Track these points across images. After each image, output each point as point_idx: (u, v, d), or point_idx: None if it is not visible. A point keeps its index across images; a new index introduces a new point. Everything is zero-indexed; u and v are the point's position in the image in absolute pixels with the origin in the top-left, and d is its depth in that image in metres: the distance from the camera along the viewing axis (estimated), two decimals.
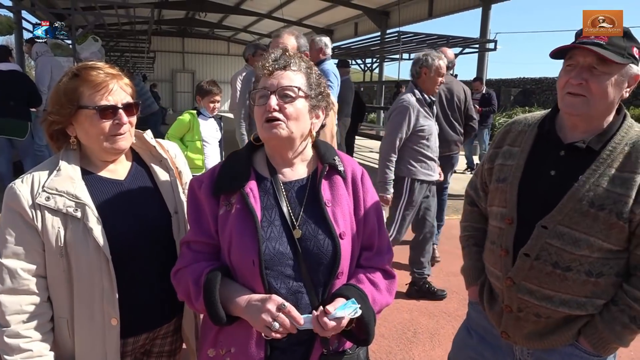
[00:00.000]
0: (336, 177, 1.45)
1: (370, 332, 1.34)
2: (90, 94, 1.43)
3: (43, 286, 1.43)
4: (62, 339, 1.47)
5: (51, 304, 1.46)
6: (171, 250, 1.58)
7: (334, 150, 1.50)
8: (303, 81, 1.39)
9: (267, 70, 1.37)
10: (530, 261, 1.52)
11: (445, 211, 5.59)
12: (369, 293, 1.38)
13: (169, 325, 1.65)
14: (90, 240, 1.41)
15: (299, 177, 1.45)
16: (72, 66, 1.52)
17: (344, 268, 1.38)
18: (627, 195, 1.40)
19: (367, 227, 1.46)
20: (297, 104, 1.36)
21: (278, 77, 1.36)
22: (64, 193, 1.41)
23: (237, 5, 20.93)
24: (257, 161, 1.48)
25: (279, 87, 1.35)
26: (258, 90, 1.38)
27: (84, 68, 1.47)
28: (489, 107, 10.23)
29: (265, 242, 1.33)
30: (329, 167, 1.44)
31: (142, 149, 1.66)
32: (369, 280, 1.42)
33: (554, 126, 1.58)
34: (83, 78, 1.44)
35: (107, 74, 1.46)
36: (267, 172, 1.44)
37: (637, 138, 1.46)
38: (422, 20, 16.86)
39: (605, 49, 1.39)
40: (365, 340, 1.36)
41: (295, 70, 1.39)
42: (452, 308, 3.92)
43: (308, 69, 1.43)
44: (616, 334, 1.46)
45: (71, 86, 1.44)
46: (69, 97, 1.44)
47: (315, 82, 1.43)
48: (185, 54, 30.75)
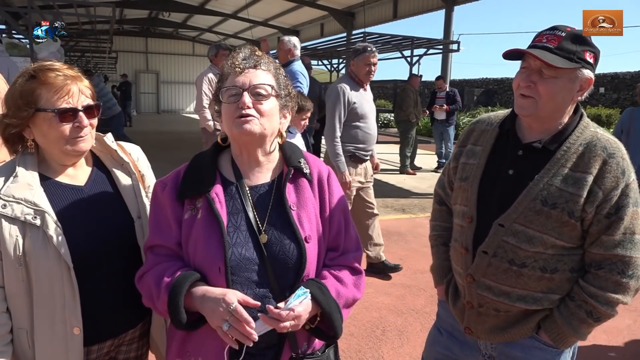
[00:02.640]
0: (302, 180, 1.44)
1: (336, 325, 1.33)
2: (48, 97, 1.39)
3: (1, 297, 1.38)
4: (21, 351, 1.42)
5: (10, 314, 1.41)
6: (135, 255, 1.55)
7: (300, 152, 1.49)
8: (273, 80, 1.40)
9: (237, 69, 1.36)
10: (488, 258, 1.56)
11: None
12: (331, 286, 1.37)
13: (134, 331, 1.62)
14: (50, 248, 1.36)
15: (264, 180, 1.44)
16: (28, 66, 1.46)
17: (310, 271, 1.38)
18: (578, 195, 1.44)
19: (333, 229, 1.46)
20: (269, 102, 1.36)
21: (249, 75, 1.35)
22: (21, 200, 1.36)
23: (202, 5, 20.63)
24: (222, 164, 1.46)
25: (252, 85, 1.34)
26: (228, 88, 1.36)
27: (41, 69, 1.41)
28: (454, 105, 10.44)
29: (231, 248, 1.32)
30: (294, 170, 1.43)
31: (103, 153, 1.62)
32: (333, 276, 1.41)
33: (513, 126, 1.62)
34: (41, 80, 1.39)
35: (66, 75, 1.41)
36: (232, 175, 1.43)
37: (591, 138, 1.49)
38: (387, 21, 17.03)
39: (553, 53, 1.42)
40: (334, 336, 1.36)
41: (265, 70, 1.39)
42: (420, 305, 3.99)
43: (277, 70, 1.44)
44: (574, 328, 1.51)
45: (28, 88, 1.39)
46: (26, 100, 1.38)
47: (283, 83, 1.44)
48: (148, 54, 30.07)
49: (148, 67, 30.11)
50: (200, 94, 5.77)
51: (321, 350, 1.44)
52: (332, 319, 1.32)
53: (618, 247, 1.45)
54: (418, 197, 8.00)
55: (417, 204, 7.50)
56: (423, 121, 14.39)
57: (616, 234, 1.45)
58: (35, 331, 1.40)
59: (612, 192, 1.43)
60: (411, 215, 6.82)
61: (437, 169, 10.67)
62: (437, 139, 10.81)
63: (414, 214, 6.87)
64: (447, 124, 10.51)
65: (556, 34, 1.46)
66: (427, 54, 12.93)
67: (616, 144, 1.49)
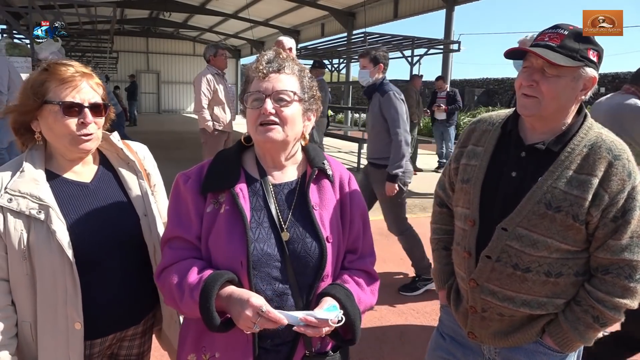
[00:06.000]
0: (324, 181, 1.46)
1: (357, 332, 1.36)
2: (56, 89, 1.41)
3: (6, 290, 1.40)
4: (25, 344, 1.44)
5: (15, 308, 1.42)
6: (139, 252, 1.56)
7: (322, 155, 1.51)
8: (297, 85, 1.39)
9: (261, 73, 1.36)
10: (492, 263, 1.53)
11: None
12: (354, 292, 1.40)
13: (136, 327, 1.63)
14: (53, 243, 1.38)
15: (288, 179, 1.46)
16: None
17: (329, 271, 1.40)
18: (583, 198, 1.41)
19: (353, 231, 1.48)
20: (292, 107, 1.36)
21: (273, 81, 1.35)
22: (27, 195, 1.38)
23: (203, 5, 20.64)
24: (246, 161, 1.47)
25: (274, 91, 1.34)
26: (252, 93, 1.37)
27: (55, 63, 1.45)
28: (454, 105, 10.44)
29: (253, 243, 1.33)
30: (318, 171, 1.45)
31: (109, 151, 1.64)
32: (354, 281, 1.44)
33: (516, 127, 1.59)
34: (51, 72, 1.42)
35: (76, 71, 1.44)
36: (256, 173, 1.44)
37: (596, 140, 1.45)
38: (387, 21, 17.01)
39: (556, 52, 1.40)
40: (352, 340, 1.37)
41: (289, 74, 1.39)
42: (420, 305, 3.97)
43: (301, 72, 1.43)
44: (580, 333, 1.49)
45: (39, 79, 1.42)
46: (35, 90, 1.41)
47: (307, 85, 1.43)
48: (149, 54, 30.08)
49: (149, 67, 30.12)
50: (199, 94, 5.76)
51: (334, 349, 1.45)
52: (355, 325, 1.35)
53: (625, 251, 1.43)
54: (419, 197, 7.99)
55: (417, 204, 7.50)
56: (424, 121, 14.38)
57: (623, 238, 1.42)
58: (39, 325, 1.42)
59: (619, 195, 1.41)
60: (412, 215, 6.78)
61: (437, 169, 10.67)
62: (438, 139, 10.81)
63: (415, 214, 6.86)
64: (448, 124, 10.52)
65: (559, 32, 1.44)
66: (428, 54, 12.89)
67: (622, 145, 1.46)
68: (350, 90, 20.06)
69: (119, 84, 23.71)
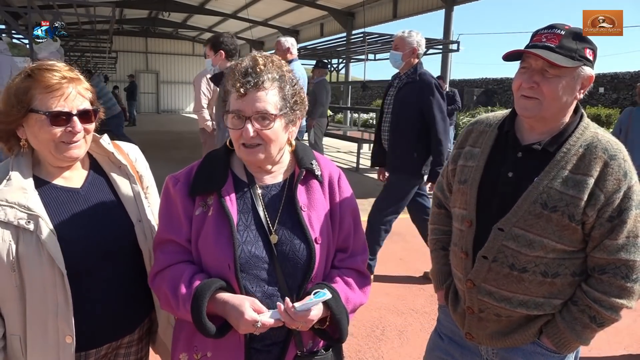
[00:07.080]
0: (313, 181, 1.46)
1: (343, 330, 1.36)
2: (42, 97, 1.34)
3: None
4: (14, 358, 1.39)
5: (3, 320, 1.38)
6: (134, 259, 1.52)
7: (311, 154, 1.49)
8: (277, 97, 1.33)
9: (238, 92, 1.29)
10: (488, 263, 1.53)
11: None
12: (342, 292, 1.40)
13: (132, 334, 1.60)
14: (43, 254, 1.33)
15: (276, 181, 1.45)
16: (28, 66, 1.43)
17: (319, 272, 1.40)
18: (579, 198, 1.41)
19: (343, 230, 1.48)
20: (274, 126, 1.33)
21: (252, 100, 1.29)
22: (14, 204, 1.33)
23: (202, 5, 20.63)
24: (234, 163, 1.47)
25: (254, 112, 1.30)
26: (232, 112, 1.32)
27: (39, 68, 1.37)
28: (453, 105, 10.43)
29: (241, 246, 1.33)
30: (306, 172, 1.44)
31: (100, 155, 1.58)
32: (343, 280, 1.44)
33: (513, 127, 1.59)
34: (36, 79, 1.35)
35: (63, 77, 1.36)
36: (244, 175, 1.44)
37: (592, 140, 1.45)
38: (387, 21, 17.01)
39: (556, 53, 1.40)
40: (339, 339, 1.38)
41: (268, 88, 1.31)
42: (419, 305, 3.98)
43: (281, 78, 1.34)
44: (577, 333, 1.49)
45: (23, 87, 1.35)
46: (19, 99, 1.34)
47: (289, 92, 1.36)
48: (148, 54, 30.08)
49: (148, 67, 30.12)
50: (199, 94, 5.75)
51: (325, 348, 1.45)
52: (341, 324, 1.35)
53: (621, 251, 1.43)
54: None
55: None
56: None
57: (619, 237, 1.42)
58: (28, 338, 1.37)
59: (614, 195, 1.41)
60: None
61: None
62: None
63: None
64: None
65: (555, 33, 1.44)
66: (427, 54, 12.90)
67: (617, 145, 1.46)
68: (349, 90, 20.08)
69: (118, 83, 23.74)
